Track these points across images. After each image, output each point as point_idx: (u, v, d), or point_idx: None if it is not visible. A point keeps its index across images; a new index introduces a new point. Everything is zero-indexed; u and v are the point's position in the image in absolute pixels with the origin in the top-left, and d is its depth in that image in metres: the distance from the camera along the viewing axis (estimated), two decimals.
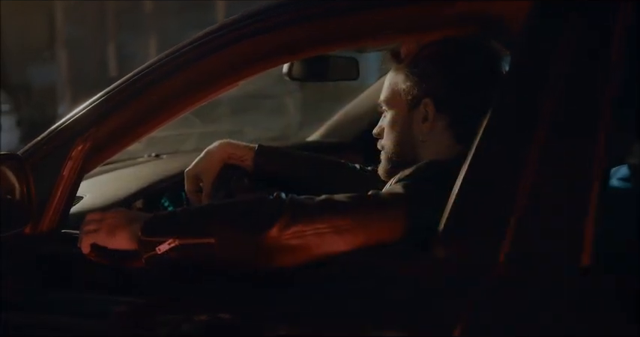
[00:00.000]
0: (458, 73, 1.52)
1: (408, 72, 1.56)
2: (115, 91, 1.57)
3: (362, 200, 1.37)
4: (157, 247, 1.34)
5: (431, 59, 1.53)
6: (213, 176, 1.79)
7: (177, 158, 2.49)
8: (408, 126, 1.57)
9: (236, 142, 1.83)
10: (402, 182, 1.44)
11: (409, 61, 1.56)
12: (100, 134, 1.55)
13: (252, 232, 1.31)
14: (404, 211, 1.35)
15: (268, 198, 1.36)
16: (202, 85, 1.53)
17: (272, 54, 1.51)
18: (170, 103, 1.54)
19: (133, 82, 1.56)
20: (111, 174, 2.12)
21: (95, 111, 1.57)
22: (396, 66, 1.59)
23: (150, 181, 2.02)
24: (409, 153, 1.57)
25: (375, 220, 1.35)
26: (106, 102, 1.56)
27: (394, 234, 1.35)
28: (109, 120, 1.55)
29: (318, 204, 1.35)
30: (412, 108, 1.55)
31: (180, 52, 1.55)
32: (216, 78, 1.53)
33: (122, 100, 1.55)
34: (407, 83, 1.55)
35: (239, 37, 1.51)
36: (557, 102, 1.22)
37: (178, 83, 1.53)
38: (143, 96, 1.54)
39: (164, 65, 1.55)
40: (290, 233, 1.30)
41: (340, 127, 2.85)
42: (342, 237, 1.32)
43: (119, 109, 1.55)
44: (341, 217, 1.33)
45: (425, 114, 1.54)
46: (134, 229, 1.39)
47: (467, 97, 1.51)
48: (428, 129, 1.54)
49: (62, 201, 1.53)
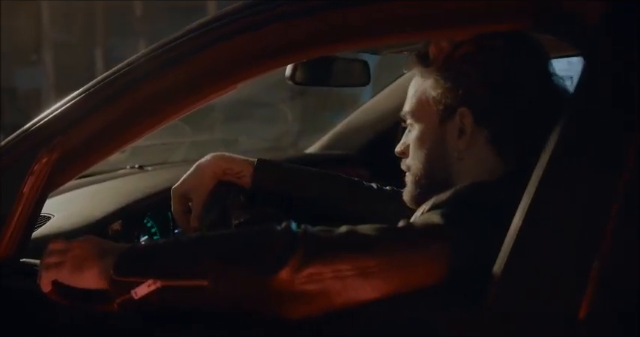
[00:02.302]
0: (501, 77, 1.27)
1: (438, 76, 1.30)
2: (88, 93, 1.33)
3: (392, 233, 1.12)
4: (132, 290, 1.08)
5: (467, 60, 1.28)
6: (204, 195, 1.55)
7: (164, 171, 2.25)
8: (440, 141, 1.32)
9: (232, 155, 1.58)
10: (439, 210, 1.17)
11: (440, 63, 1.30)
12: (69, 144, 1.32)
13: (256, 274, 1.07)
14: (445, 247, 1.10)
15: (275, 229, 1.11)
16: (195, 87, 1.29)
17: (277, 51, 1.26)
18: (156, 107, 1.30)
19: (111, 81, 1.32)
20: (85, 190, 1.87)
21: (65, 116, 1.34)
22: (424, 70, 1.33)
23: (131, 198, 1.79)
24: (442, 175, 1.32)
25: (409, 259, 1.10)
26: (78, 106, 1.33)
27: (433, 278, 1.10)
28: (81, 127, 1.32)
29: (339, 239, 1.10)
30: (445, 120, 1.31)
31: (168, 47, 1.31)
32: (212, 78, 1.28)
33: (97, 103, 1.31)
34: (438, 90, 1.30)
35: (239, 29, 1.25)
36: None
37: (166, 83, 1.29)
38: (123, 99, 1.30)
39: (149, 62, 1.31)
40: (305, 275, 1.06)
41: (344, 138, 2.65)
42: (369, 281, 1.07)
43: (94, 114, 1.32)
44: (368, 255, 1.08)
45: (461, 127, 1.29)
46: (105, 265, 1.14)
47: (512, 105, 1.27)
48: (465, 145, 1.28)
49: (22, 224, 1.32)
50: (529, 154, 1.30)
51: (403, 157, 1.40)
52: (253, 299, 1.08)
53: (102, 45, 9.18)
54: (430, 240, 1.11)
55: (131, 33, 8.85)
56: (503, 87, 1.26)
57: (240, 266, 1.08)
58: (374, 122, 2.61)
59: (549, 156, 1.02)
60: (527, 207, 1.01)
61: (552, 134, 1.04)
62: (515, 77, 1.27)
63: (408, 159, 1.37)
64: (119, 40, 9.08)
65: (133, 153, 2.50)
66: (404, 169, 1.39)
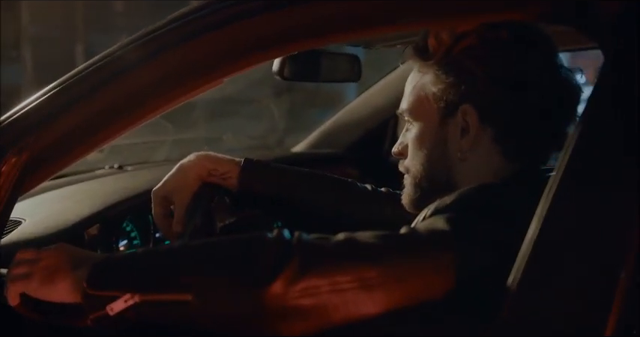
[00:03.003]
0: (506, 71, 1.17)
1: (438, 71, 1.21)
2: (61, 88, 1.23)
3: (394, 241, 1.02)
4: (108, 305, 0.98)
5: (470, 54, 1.18)
6: (187, 197, 1.44)
7: (144, 171, 2.15)
8: (441, 141, 1.23)
9: (217, 155, 1.47)
10: (443, 214, 1.08)
11: (440, 56, 1.20)
12: (41, 143, 1.21)
13: (245, 287, 0.98)
14: (451, 256, 1.01)
15: (267, 237, 1.01)
16: (178, 81, 1.19)
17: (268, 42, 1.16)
18: (135, 103, 1.20)
19: (86, 75, 1.22)
20: (59, 192, 1.76)
21: (35, 113, 1.23)
22: (422, 64, 1.23)
23: (109, 201, 1.68)
24: (444, 177, 1.23)
25: (414, 270, 1.00)
26: (50, 102, 1.22)
27: (440, 290, 1.00)
28: (53, 126, 1.21)
29: (337, 248, 1.00)
30: (446, 118, 1.22)
31: (149, 38, 1.20)
32: (197, 71, 1.19)
33: (71, 99, 1.21)
34: (438, 86, 1.21)
35: (227, 19, 1.15)
36: None
37: (147, 78, 1.20)
38: (100, 94, 1.20)
39: (129, 54, 1.21)
40: (299, 289, 0.96)
41: (332, 136, 2.58)
42: (370, 295, 0.97)
43: (67, 111, 1.21)
44: (369, 266, 0.99)
45: (464, 126, 1.20)
46: (78, 276, 1.04)
47: (518, 101, 1.17)
48: (469, 145, 1.19)
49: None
50: (536, 153, 1.21)
51: (400, 158, 1.31)
52: (242, 316, 0.98)
53: (82, 41, 9.04)
54: (435, 248, 1.02)
55: (112, 28, 8.71)
56: (509, 82, 1.17)
57: (228, 278, 0.99)
58: (363, 119, 2.53)
59: (568, 157, 0.92)
60: (544, 213, 0.91)
61: (571, 134, 0.95)
62: (521, 71, 1.17)
63: (406, 160, 1.28)
64: (100, 36, 8.94)
65: (111, 153, 2.40)
66: (402, 171, 1.30)
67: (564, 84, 1.20)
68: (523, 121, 1.17)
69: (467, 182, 1.19)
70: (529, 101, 1.17)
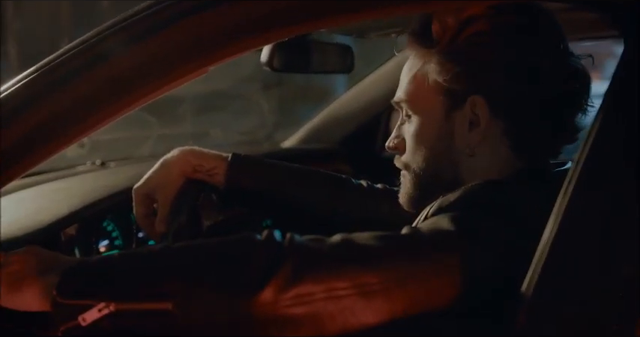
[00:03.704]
0: (521, 60, 1.10)
1: (444, 59, 1.12)
2: (30, 78, 1.12)
3: (395, 243, 0.94)
4: (80, 315, 0.88)
5: (480, 40, 1.09)
6: (171, 195, 1.35)
7: (128, 167, 2.05)
8: (446, 135, 1.14)
9: (202, 150, 1.39)
10: (448, 213, 1.00)
11: (445, 43, 1.11)
12: (13, 135, 1.09)
13: (231, 295, 0.89)
14: (458, 259, 0.92)
15: (255, 239, 0.92)
16: (159, 69, 1.08)
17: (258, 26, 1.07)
18: (111, 94, 1.09)
19: (65, 60, 1.12)
20: (35, 190, 1.66)
21: (7, 102, 1.11)
22: (425, 51, 1.14)
23: (88, 199, 1.58)
24: (449, 174, 1.15)
25: (417, 274, 0.92)
26: (17, 94, 1.11)
27: (446, 296, 0.92)
28: (20, 119, 1.09)
29: (333, 250, 0.92)
30: (452, 110, 1.13)
31: (128, 22, 1.12)
32: (180, 58, 1.08)
33: (42, 90, 1.10)
34: (443, 75, 1.12)
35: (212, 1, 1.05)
36: None
37: (124, 65, 1.09)
38: (73, 85, 1.09)
39: (106, 40, 1.12)
40: (292, 296, 0.88)
41: (323, 131, 2.48)
42: (370, 302, 0.89)
43: (37, 103, 1.10)
44: (368, 270, 0.91)
45: (473, 118, 1.11)
46: (48, 283, 0.95)
47: (532, 92, 1.10)
48: (478, 139, 1.12)
49: None
50: (546, 146, 1.13)
51: (395, 153, 1.22)
52: (228, 327, 0.90)
53: (68, 36, 8.93)
54: (440, 250, 0.94)
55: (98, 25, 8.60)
56: (522, 72, 1.09)
57: (212, 285, 0.90)
58: (356, 113, 2.45)
59: (587, 153, 0.84)
60: (562, 213, 0.83)
61: (589, 128, 0.86)
62: (534, 59, 1.10)
63: (404, 155, 1.19)
64: (86, 32, 8.83)
65: (93, 148, 2.30)
66: (399, 167, 1.22)
67: (576, 74, 1.12)
68: (535, 113, 1.10)
69: (474, 178, 1.11)
70: (542, 91, 1.09)
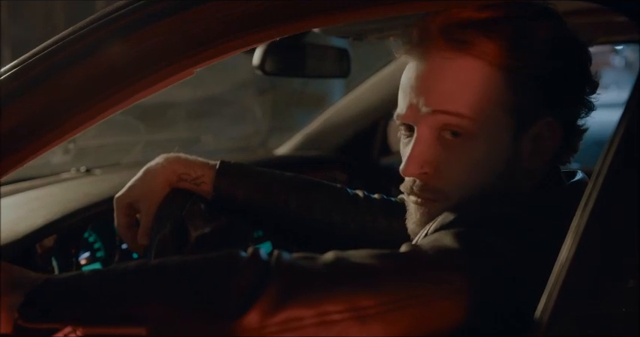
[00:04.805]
0: (570, 69, 1.02)
1: (509, 76, 0.98)
2: (19, 69, 1.02)
3: (394, 262, 0.85)
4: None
5: (541, 55, 0.99)
6: (154, 205, 1.27)
7: (114, 175, 1.96)
8: (513, 159, 1.01)
9: (188, 157, 1.31)
10: (451, 230, 0.91)
11: (507, 50, 0.98)
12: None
13: (213, 319, 0.81)
14: (464, 280, 0.83)
15: (239, 257, 0.84)
16: (140, 70, 1.00)
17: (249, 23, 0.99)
18: (88, 95, 1.00)
19: (46, 56, 1.02)
20: (14, 199, 1.57)
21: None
22: (490, 66, 0.99)
23: (69, 208, 1.49)
24: (493, 198, 1.01)
25: (418, 297, 0.83)
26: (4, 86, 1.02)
27: (450, 318, 0.83)
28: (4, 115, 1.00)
29: (325, 270, 0.84)
30: (521, 132, 1.00)
31: (109, 19, 1.02)
32: (163, 59, 0.99)
33: (12, 93, 1.01)
34: (511, 94, 0.98)
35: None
36: None
37: (101, 66, 1.00)
38: (60, 79, 1.00)
39: (84, 38, 1.02)
40: (279, 321, 0.80)
41: (318, 137, 2.41)
42: (366, 327, 0.81)
43: (21, 98, 1.00)
44: (364, 292, 0.82)
45: (542, 141, 1.02)
46: (11, 304, 0.87)
47: (582, 103, 1.05)
48: (541, 164, 1.03)
49: None
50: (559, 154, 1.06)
51: (420, 179, 1.03)
52: None
53: None
54: (443, 269, 0.85)
55: None
56: (578, 87, 1.03)
57: (190, 308, 0.82)
58: (352, 120, 2.38)
59: (608, 166, 0.76)
60: (580, 231, 0.74)
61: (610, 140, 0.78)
62: (580, 69, 1.03)
63: (439, 180, 1.01)
64: None
65: (79, 155, 2.22)
66: (425, 195, 1.02)
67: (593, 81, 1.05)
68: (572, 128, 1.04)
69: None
70: (580, 98, 1.04)
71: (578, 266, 0.73)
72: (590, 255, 0.73)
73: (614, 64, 8.39)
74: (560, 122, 1.00)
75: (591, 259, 0.73)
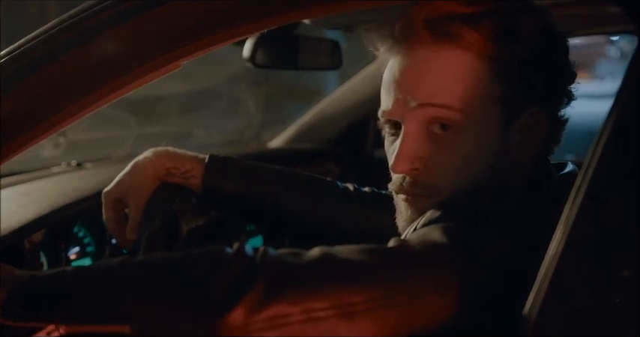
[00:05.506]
0: (556, 60, 1.02)
1: (496, 66, 0.97)
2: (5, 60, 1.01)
3: (382, 257, 0.84)
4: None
5: (530, 44, 0.98)
6: (143, 200, 1.25)
7: (105, 169, 1.95)
8: (503, 150, 0.99)
9: (177, 151, 1.29)
10: (440, 224, 0.90)
11: (501, 48, 0.97)
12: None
13: (197, 316, 0.80)
14: (453, 275, 0.83)
15: (224, 253, 0.82)
16: (122, 63, 0.98)
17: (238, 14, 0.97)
18: (83, 87, 0.99)
19: (33, 46, 1.02)
20: (4, 193, 1.56)
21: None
22: (476, 57, 0.97)
23: (58, 203, 1.47)
24: (484, 192, 0.99)
25: (407, 291, 0.82)
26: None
27: (439, 314, 0.82)
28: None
29: (312, 266, 0.83)
30: (509, 123, 0.99)
31: (93, 11, 1.00)
32: (147, 51, 0.98)
33: (2, 82, 0.99)
34: (499, 85, 0.97)
35: None
36: None
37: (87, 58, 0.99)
38: (39, 74, 0.99)
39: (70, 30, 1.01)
40: (265, 318, 0.79)
41: (311, 130, 2.39)
42: (354, 324, 0.80)
43: (9, 89, 0.99)
44: (351, 289, 0.81)
45: (529, 132, 1.00)
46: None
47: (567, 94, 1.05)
48: (530, 157, 1.01)
49: None
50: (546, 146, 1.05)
51: (410, 175, 1.00)
52: None
53: None
54: (432, 264, 0.84)
55: None
56: (566, 77, 1.04)
57: (175, 306, 0.81)
58: (345, 112, 2.36)
59: (597, 158, 0.75)
60: (570, 225, 0.73)
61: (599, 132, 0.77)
62: (562, 61, 1.03)
63: (430, 176, 0.99)
64: None
65: (70, 148, 2.20)
66: (414, 192, 1.00)
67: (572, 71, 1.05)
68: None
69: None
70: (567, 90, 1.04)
71: (567, 258, 0.72)
72: (580, 248, 0.72)
73: (609, 55, 8.41)
74: (547, 112, 1.00)
75: (581, 251, 0.72)
